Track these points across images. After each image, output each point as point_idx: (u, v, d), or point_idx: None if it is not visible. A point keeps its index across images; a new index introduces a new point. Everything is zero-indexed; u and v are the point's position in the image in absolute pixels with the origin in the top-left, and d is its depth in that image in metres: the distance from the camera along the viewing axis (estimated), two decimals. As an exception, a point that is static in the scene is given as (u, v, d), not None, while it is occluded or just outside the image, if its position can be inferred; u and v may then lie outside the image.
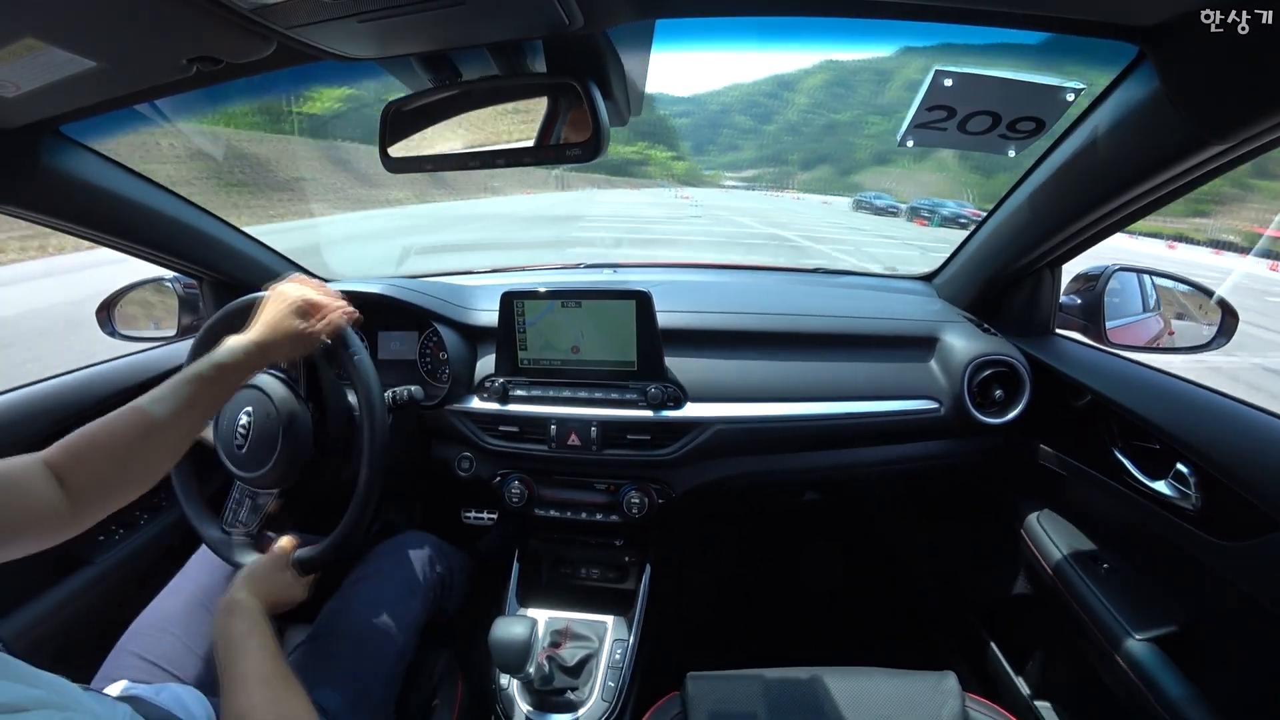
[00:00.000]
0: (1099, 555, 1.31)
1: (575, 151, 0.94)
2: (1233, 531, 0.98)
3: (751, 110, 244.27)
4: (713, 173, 59.71)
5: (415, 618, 1.32)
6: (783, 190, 45.99)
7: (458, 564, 1.54)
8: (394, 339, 1.74)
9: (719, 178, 58.17)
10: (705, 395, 1.50)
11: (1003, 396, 1.45)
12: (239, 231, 1.72)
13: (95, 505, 0.86)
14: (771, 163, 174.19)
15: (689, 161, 71.01)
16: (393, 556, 1.40)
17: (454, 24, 0.83)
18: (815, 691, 1.10)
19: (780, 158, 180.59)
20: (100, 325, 1.76)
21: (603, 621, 1.53)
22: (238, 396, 1.21)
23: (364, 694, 1.13)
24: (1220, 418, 1.06)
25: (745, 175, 54.34)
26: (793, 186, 42.10)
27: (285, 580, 1.12)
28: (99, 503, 0.86)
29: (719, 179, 58.20)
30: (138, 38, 0.81)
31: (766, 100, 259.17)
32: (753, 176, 53.63)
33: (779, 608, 2.20)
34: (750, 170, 52.41)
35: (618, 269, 2.16)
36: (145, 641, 1.16)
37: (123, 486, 0.89)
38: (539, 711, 1.37)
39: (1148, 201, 1.09)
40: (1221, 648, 1.07)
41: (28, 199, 1.22)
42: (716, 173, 58.86)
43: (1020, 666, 1.56)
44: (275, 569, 1.12)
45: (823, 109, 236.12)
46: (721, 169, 57.05)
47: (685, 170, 68.20)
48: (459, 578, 1.52)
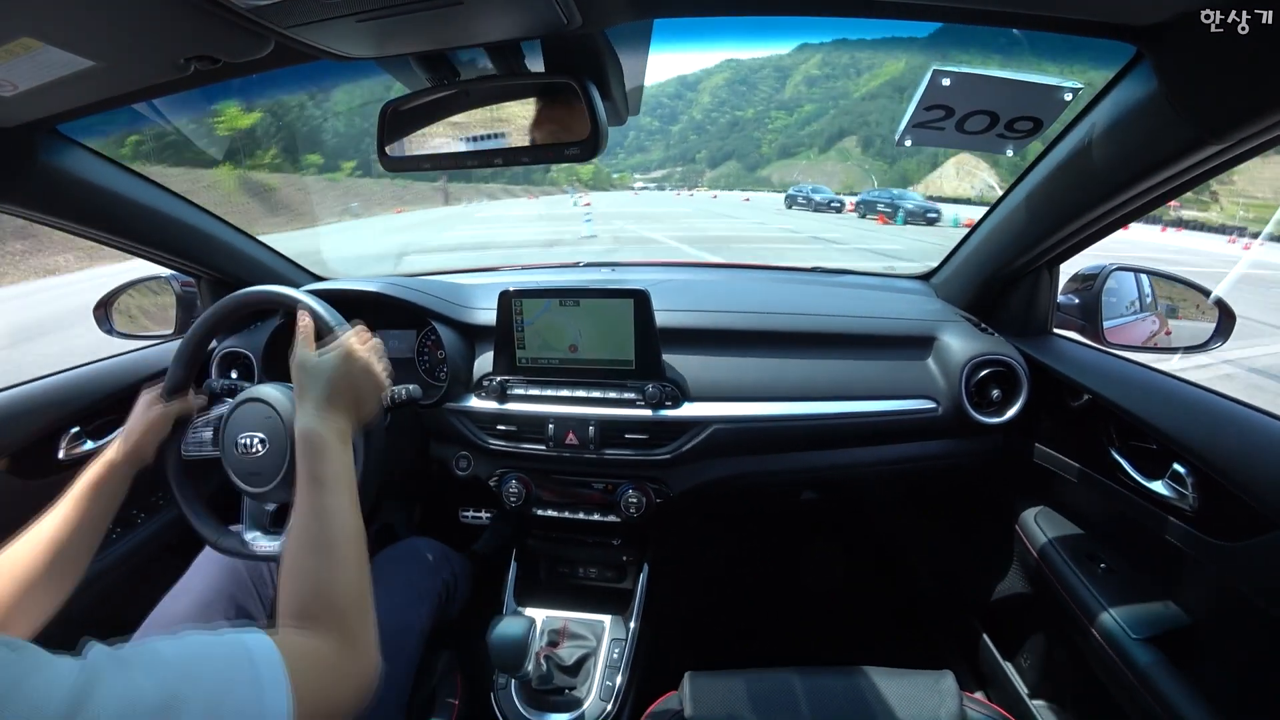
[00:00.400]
0: (1097, 555, 1.31)
1: (573, 151, 0.94)
2: (1229, 531, 0.98)
3: (656, 111, 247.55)
4: (621, 175, 59.56)
5: (422, 624, 1.32)
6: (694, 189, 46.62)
7: (461, 569, 1.54)
8: (392, 337, 1.74)
9: (628, 179, 58.35)
10: (703, 394, 1.50)
11: (1000, 396, 1.45)
12: (236, 230, 1.72)
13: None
14: (679, 161, 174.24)
15: (594, 164, 69.69)
16: (399, 563, 1.40)
17: (452, 23, 0.82)
18: (813, 691, 1.10)
19: (688, 156, 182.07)
20: (98, 323, 1.76)
21: (601, 621, 1.54)
22: (245, 416, 1.19)
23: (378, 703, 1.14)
24: (1217, 418, 1.07)
25: (654, 176, 55.09)
26: (702, 184, 42.85)
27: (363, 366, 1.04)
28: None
29: (628, 180, 58.36)
30: (135, 37, 0.80)
31: (671, 101, 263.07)
32: (662, 176, 54.56)
33: (777, 607, 2.20)
34: (659, 170, 53.07)
35: (616, 268, 2.16)
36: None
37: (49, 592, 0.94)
38: (537, 711, 1.37)
39: (1145, 201, 1.09)
40: (1219, 647, 1.07)
41: (25, 197, 1.22)
42: (625, 174, 58.81)
43: (1018, 666, 1.57)
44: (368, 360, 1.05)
45: (726, 106, 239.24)
46: (630, 170, 56.88)
47: (591, 174, 66.60)
48: (462, 583, 1.52)
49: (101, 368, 1.56)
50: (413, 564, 1.41)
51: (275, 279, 1.81)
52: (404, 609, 1.30)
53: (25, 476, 1.37)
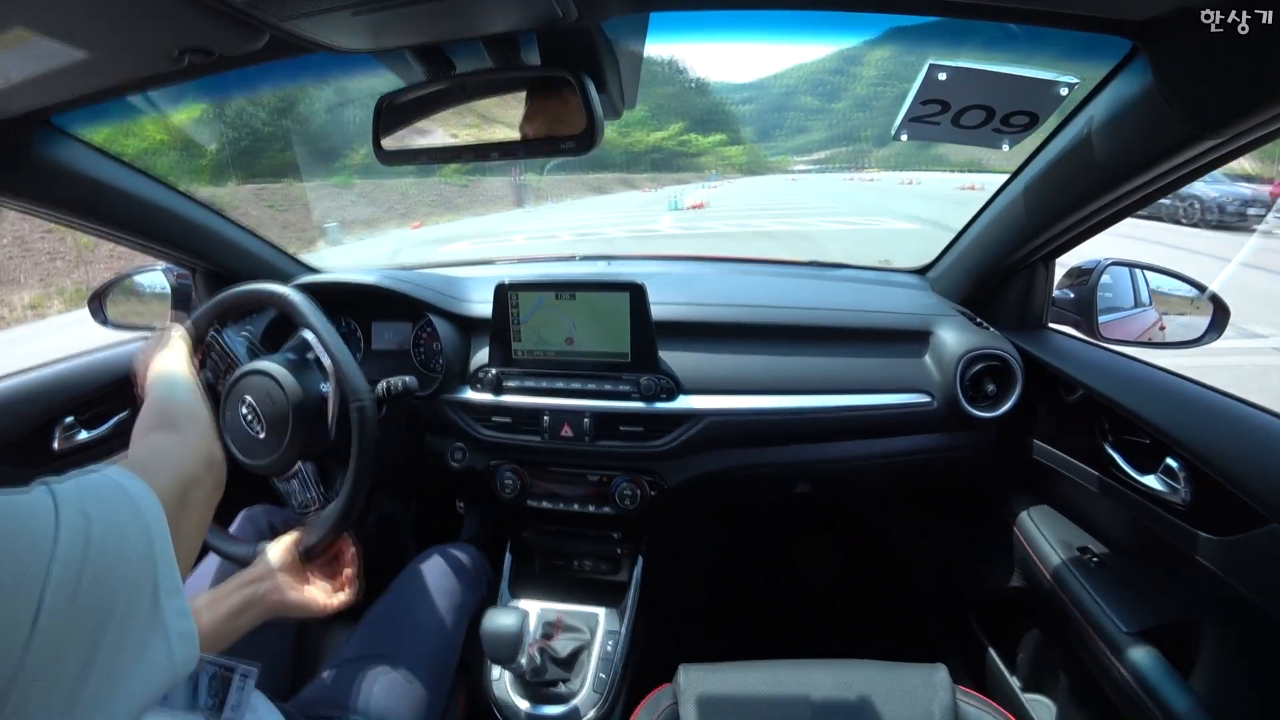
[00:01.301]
0: (1090, 549, 1.32)
1: (569, 144, 0.93)
2: (1222, 525, 0.98)
3: (817, 89, 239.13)
4: (780, 158, 56.62)
5: (456, 638, 1.35)
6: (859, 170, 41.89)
7: (492, 578, 1.59)
8: (387, 329, 1.74)
9: (787, 163, 55.09)
10: (698, 387, 1.50)
11: (995, 391, 1.45)
12: (231, 222, 1.71)
13: None
14: (844, 141, 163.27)
15: (746, 146, 65.90)
16: (445, 571, 1.44)
17: (448, 16, 0.82)
18: (807, 683, 1.10)
19: (853, 135, 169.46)
20: (92, 314, 1.76)
21: (595, 613, 1.54)
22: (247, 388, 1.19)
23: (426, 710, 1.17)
24: (1209, 412, 1.07)
25: (816, 158, 52.26)
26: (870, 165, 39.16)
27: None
28: None
29: (787, 164, 55.09)
30: (129, 28, 0.80)
31: (831, 77, 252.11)
32: (824, 159, 51.56)
33: (771, 600, 2.21)
34: (820, 152, 50.33)
35: (612, 260, 2.16)
36: None
37: None
38: (531, 703, 1.38)
39: (1141, 196, 1.09)
40: (1211, 641, 1.08)
41: (19, 189, 1.22)
42: (784, 158, 55.83)
43: (1012, 660, 1.57)
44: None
45: (893, 79, 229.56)
46: (790, 153, 54.09)
47: (745, 157, 63.13)
48: (490, 597, 1.56)
49: (96, 359, 1.56)
50: (460, 574, 1.45)
51: (270, 271, 1.81)
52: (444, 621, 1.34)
53: (20, 466, 1.37)
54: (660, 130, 59.64)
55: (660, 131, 59.62)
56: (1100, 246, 1.40)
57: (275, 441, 1.17)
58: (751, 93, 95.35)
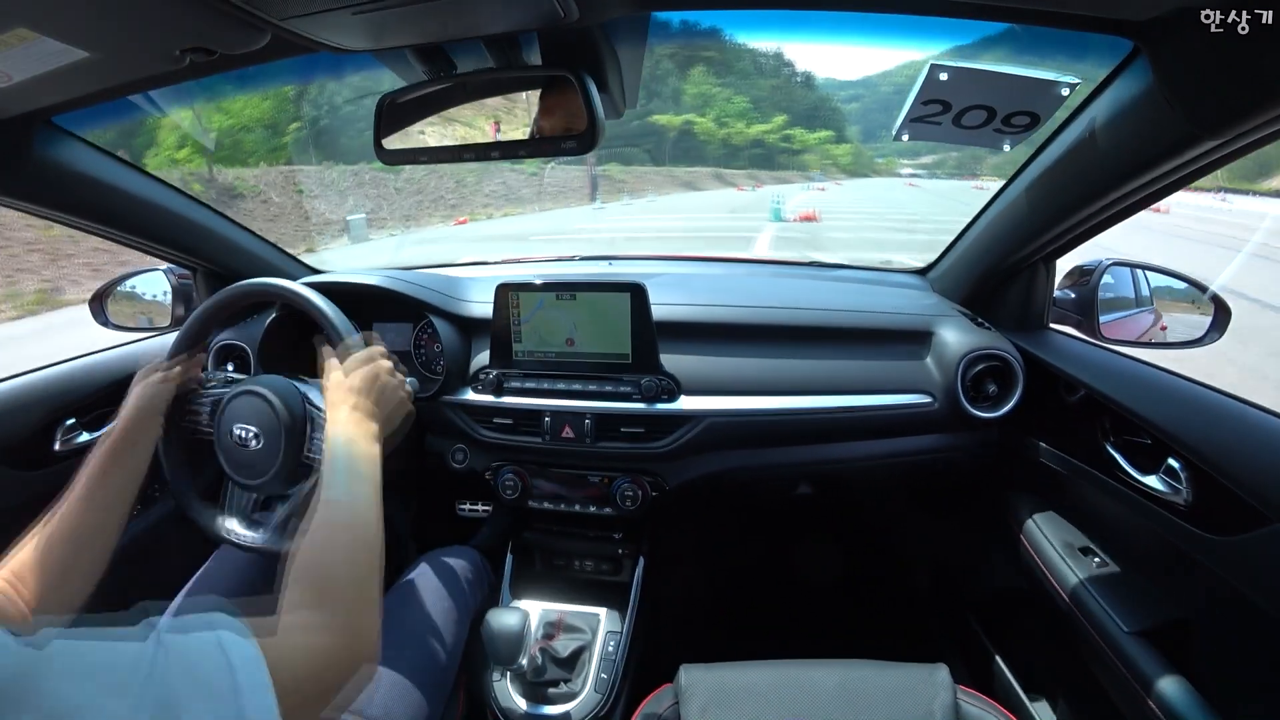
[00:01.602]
0: (1091, 550, 1.31)
1: (570, 144, 0.94)
2: (1223, 526, 0.98)
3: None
4: (887, 159, 53.31)
5: (456, 641, 1.34)
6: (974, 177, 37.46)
7: (489, 580, 1.57)
8: (388, 330, 1.74)
9: (894, 164, 51.78)
10: (699, 388, 1.50)
11: (996, 391, 1.45)
12: (232, 222, 1.71)
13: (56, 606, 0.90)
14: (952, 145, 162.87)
15: (853, 145, 62.01)
16: (443, 575, 1.42)
17: (449, 16, 0.82)
18: (808, 683, 1.10)
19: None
20: (94, 316, 1.76)
21: (596, 613, 1.54)
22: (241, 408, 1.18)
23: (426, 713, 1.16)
24: (1210, 412, 1.07)
25: (923, 162, 49.54)
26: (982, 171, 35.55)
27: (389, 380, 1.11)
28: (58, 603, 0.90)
29: (894, 166, 51.71)
30: (131, 28, 0.80)
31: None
32: (933, 163, 48.88)
33: (772, 601, 2.21)
34: (928, 156, 47.81)
35: (613, 261, 2.16)
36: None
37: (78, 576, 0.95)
38: (532, 703, 1.38)
39: (1142, 196, 1.09)
40: (1213, 642, 1.08)
41: (20, 189, 1.22)
42: (891, 159, 52.55)
43: (1013, 660, 1.57)
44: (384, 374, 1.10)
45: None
46: (896, 155, 51.15)
47: (851, 156, 59.29)
48: (490, 600, 1.55)
49: (98, 359, 1.56)
50: (458, 578, 1.44)
51: (271, 271, 1.81)
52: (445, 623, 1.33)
53: (22, 468, 1.37)
54: (763, 123, 56.08)
55: (762, 124, 55.12)
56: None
57: (270, 460, 1.17)
58: (858, 90, 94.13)
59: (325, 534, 0.82)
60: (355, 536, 0.83)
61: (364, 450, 0.97)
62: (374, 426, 1.02)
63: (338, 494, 0.89)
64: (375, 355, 1.10)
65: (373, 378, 1.06)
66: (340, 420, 0.99)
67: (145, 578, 1.37)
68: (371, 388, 1.05)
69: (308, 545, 0.80)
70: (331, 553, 0.80)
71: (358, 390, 1.03)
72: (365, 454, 0.96)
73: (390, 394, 1.09)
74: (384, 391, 1.07)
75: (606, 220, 24.98)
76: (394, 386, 1.10)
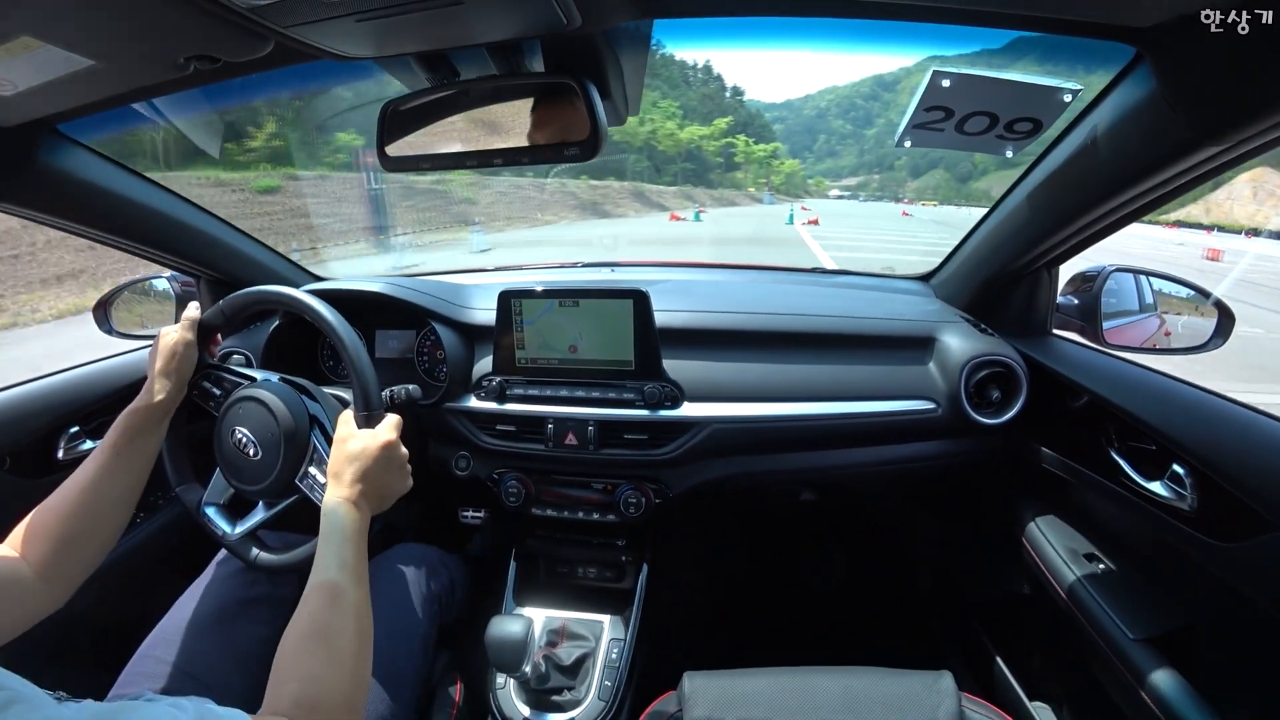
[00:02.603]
0: (1096, 556, 1.31)
1: (573, 151, 0.94)
2: (1229, 532, 0.98)
3: (850, 114, 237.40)
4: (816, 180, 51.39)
5: (424, 630, 1.32)
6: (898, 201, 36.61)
7: (460, 574, 1.54)
8: (391, 337, 1.74)
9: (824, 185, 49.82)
10: (702, 395, 1.49)
11: (999, 397, 1.45)
12: (236, 230, 1.72)
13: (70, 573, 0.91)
14: (875, 168, 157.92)
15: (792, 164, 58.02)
16: (397, 569, 1.40)
17: (452, 23, 0.83)
18: (812, 691, 1.10)
19: (885, 163, 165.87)
20: (97, 323, 1.76)
21: (599, 621, 1.54)
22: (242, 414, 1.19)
23: (386, 706, 1.15)
24: (1216, 419, 1.07)
25: (848, 184, 49.00)
26: (905, 194, 34.49)
27: (399, 463, 1.10)
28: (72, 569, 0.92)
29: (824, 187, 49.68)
30: (135, 36, 0.80)
31: (866, 103, 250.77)
32: (856, 185, 48.12)
33: (776, 608, 2.21)
34: (852, 178, 47.12)
35: (615, 268, 2.16)
36: (176, 647, 1.15)
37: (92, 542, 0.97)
38: (536, 711, 1.37)
39: (1145, 202, 1.09)
40: (1219, 649, 1.07)
41: (25, 197, 1.22)
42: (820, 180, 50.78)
43: (1017, 667, 1.57)
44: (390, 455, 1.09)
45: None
46: (821, 175, 49.52)
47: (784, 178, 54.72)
48: (459, 588, 1.52)
49: (101, 367, 1.56)
50: (411, 568, 1.41)
51: (275, 278, 1.81)
52: (406, 615, 1.31)
53: (24, 475, 1.37)
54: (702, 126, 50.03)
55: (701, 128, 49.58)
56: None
57: (269, 466, 1.17)
58: (782, 112, 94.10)
59: (308, 645, 0.82)
60: (340, 649, 0.83)
61: (357, 546, 0.97)
62: (367, 510, 1.02)
63: (330, 574, 0.90)
64: (393, 435, 1.09)
65: (385, 461, 1.06)
66: (342, 493, 1.00)
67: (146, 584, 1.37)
68: (380, 472, 1.05)
69: (288, 654, 0.81)
70: (311, 667, 0.80)
71: (364, 472, 1.03)
72: (357, 553, 0.96)
73: (395, 481, 1.09)
74: (388, 476, 1.07)
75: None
76: (400, 472, 1.10)
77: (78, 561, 0.93)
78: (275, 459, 1.15)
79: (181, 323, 1.20)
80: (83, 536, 0.94)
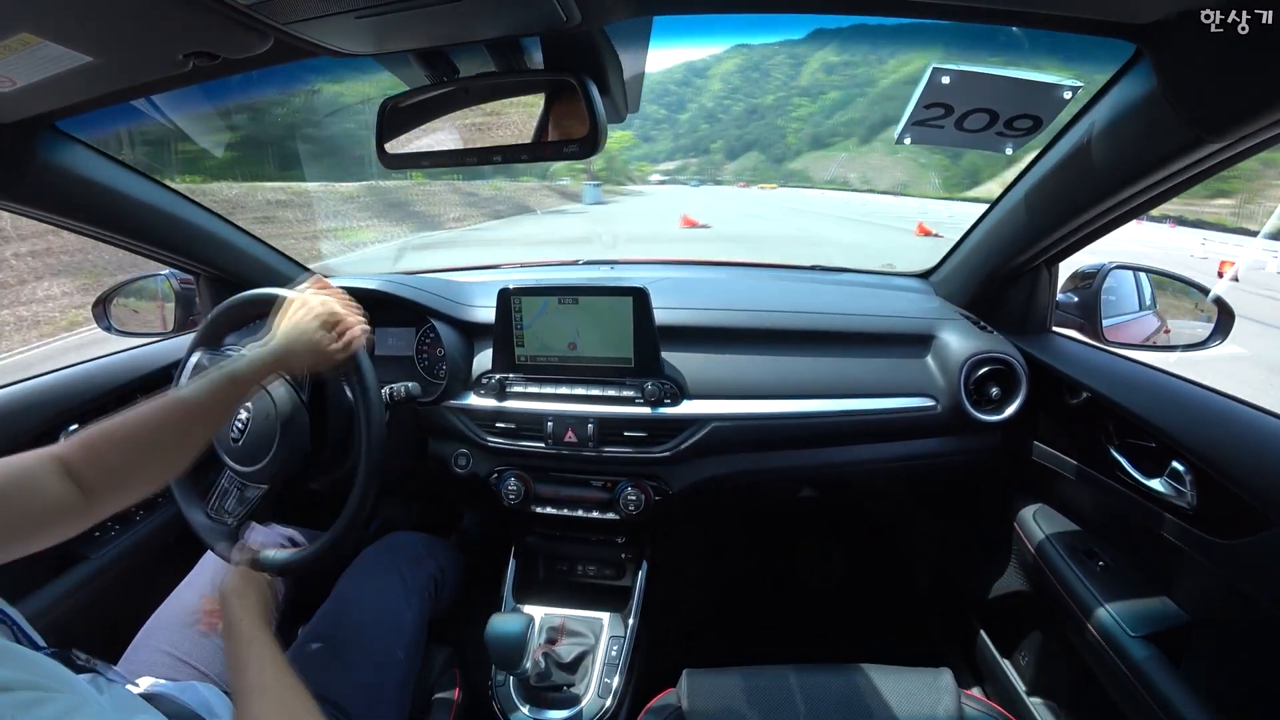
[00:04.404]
0: (1095, 552, 1.31)
1: (573, 148, 0.94)
2: (1228, 529, 0.98)
3: (663, 99, 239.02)
4: (639, 165, 52.23)
5: (416, 615, 1.31)
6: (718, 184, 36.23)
7: (449, 560, 1.53)
8: (391, 335, 1.74)
9: (646, 170, 50.93)
10: (702, 392, 1.50)
11: (999, 394, 1.44)
12: (236, 227, 1.71)
13: (109, 499, 0.87)
14: (691, 152, 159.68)
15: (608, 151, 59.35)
16: (384, 556, 1.40)
17: (451, 20, 0.82)
18: (811, 688, 1.10)
19: (700, 147, 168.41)
20: (96, 321, 1.76)
21: (599, 618, 1.54)
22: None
23: (380, 694, 1.14)
24: (1215, 416, 1.07)
25: (666, 168, 49.82)
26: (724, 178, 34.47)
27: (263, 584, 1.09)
28: (113, 496, 0.87)
29: (646, 172, 50.77)
30: (134, 33, 0.80)
31: (678, 88, 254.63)
32: (675, 169, 48.98)
33: (776, 604, 2.21)
34: (669, 162, 47.81)
35: (615, 265, 2.16)
36: (169, 636, 1.16)
37: (140, 479, 0.91)
38: (535, 708, 1.38)
39: (1145, 199, 1.09)
40: (1218, 645, 1.07)
41: (24, 194, 1.22)
42: (643, 165, 51.68)
43: (1015, 663, 1.57)
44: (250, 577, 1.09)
45: (739, 94, 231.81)
46: (638, 160, 50.40)
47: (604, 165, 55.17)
48: (450, 574, 1.52)
49: (101, 364, 1.56)
50: (399, 556, 1.41)
51: (274, 276, 1.81)
52: (395, 602, 1.30)
53: None
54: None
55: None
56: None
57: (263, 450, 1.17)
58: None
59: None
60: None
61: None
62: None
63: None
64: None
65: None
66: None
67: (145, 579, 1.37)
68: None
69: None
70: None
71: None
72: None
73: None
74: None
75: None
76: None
77: (134, 488, 0.91)
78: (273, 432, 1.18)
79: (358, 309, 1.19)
80: (147, 463, 0.91)
